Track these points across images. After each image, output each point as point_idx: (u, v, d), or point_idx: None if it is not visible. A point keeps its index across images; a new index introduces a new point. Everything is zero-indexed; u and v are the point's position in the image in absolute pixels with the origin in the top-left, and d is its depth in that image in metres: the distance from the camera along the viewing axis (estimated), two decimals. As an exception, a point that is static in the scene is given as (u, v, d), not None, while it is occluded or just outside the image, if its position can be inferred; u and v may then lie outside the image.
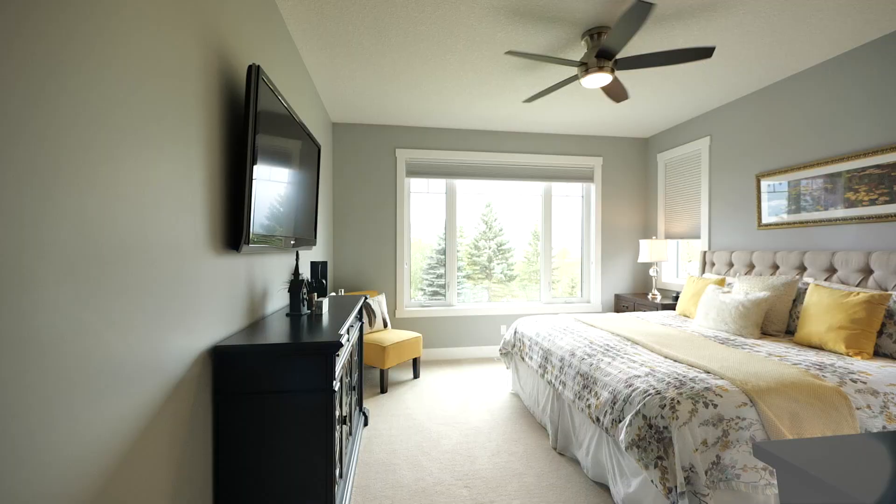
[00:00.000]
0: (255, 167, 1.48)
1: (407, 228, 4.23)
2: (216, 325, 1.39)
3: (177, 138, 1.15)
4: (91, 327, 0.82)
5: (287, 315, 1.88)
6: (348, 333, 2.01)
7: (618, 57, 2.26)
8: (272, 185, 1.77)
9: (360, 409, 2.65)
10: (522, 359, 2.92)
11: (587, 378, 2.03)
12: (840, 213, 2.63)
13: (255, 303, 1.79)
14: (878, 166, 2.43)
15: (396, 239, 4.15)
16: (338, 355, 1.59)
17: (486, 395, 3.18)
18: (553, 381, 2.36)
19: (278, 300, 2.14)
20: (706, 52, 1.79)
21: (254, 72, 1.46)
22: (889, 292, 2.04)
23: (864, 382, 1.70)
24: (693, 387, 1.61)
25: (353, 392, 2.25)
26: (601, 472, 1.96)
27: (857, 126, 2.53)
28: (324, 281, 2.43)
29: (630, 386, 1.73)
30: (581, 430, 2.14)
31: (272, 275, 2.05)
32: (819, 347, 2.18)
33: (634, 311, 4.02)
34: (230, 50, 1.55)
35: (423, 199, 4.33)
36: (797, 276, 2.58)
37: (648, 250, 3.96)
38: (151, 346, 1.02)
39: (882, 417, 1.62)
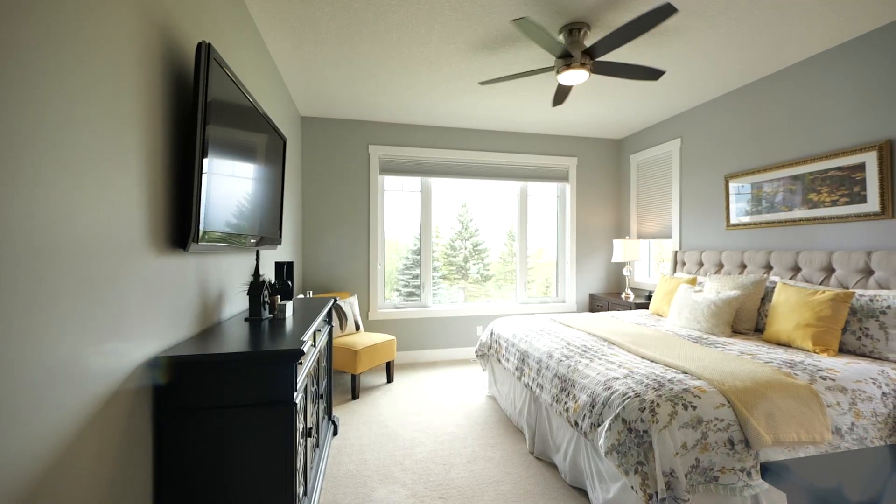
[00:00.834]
0: (205, 160, 1.33)
1: (381, 228, 4.10)
2: (159, 332, 1.24)
3: (108, 122, 1.00)
4: (-20, 341, 0.67)
5: (246, 320, 1.72)
6: (314, 338, 1.87)
7: (588, 46, 2.23)
8: (229, 181, 1.62)
9: (329, 418, 2.51)
10: (499, 361, 2.85)
11: (565, 380, 1.98)
12: (803, 213, 2.71)
13: (209, 307, 1.63)
14: (838, 168, 2.51)
15: (370, 238, 4.01)
16: (300, 363, 1.46)
17: (461, 399, 3.10)
18: (530, 383, 2.30)
19: (237, 304, 1.97)
20: (668, 10, 1.80)
21: (203, 51, 1.31)
22: (852, 290, 2.10)
23: (833, 380, 1.72)
24: (672, 388, 1.58)
25: (320, 400, 2.11)
26: (579, 477, 1.91)
27: (820, 129, 2.61)
28: (289, 283, 2.28)
29: (609, 388, 1.69)
30: (559, 433, 2.09)
31: (230, 276, 1.89)
32: (787, 345, 2.22)
33: (609, 310, 4.05)
34: (180, 30, 1.39)
35: (397, 198, 4.21)
36: (765, 275, 2.63)
37: (622, 250, 3.99)
38: (73, 357, 0.87)
39: (851, 414, 1.64)
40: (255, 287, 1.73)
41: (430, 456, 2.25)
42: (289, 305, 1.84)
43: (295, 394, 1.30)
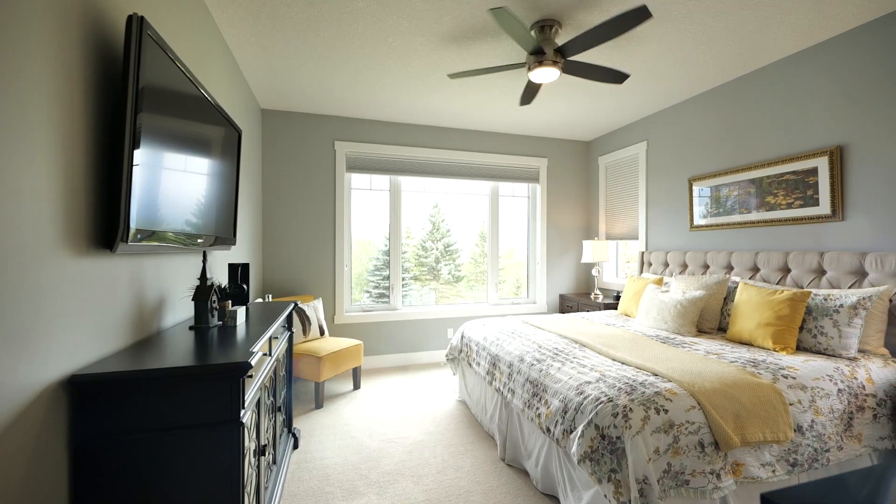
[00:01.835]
0: (137, 151, 1.17)
1: (347, 227, 3.94)
2: (80, 346, 1.07)
3: (7, 101, 0.83)
4: None
5: (191, 328, 1.56)
6: (269, 347, 1.73)
7: (560, 45, 2.20)
8: (171, 175, 1.45)
9: (289, 431, 2.35)
10: (469, 365, 2.78)
11: (537, 385, 1.93)
12: (762, 215, 2.80)
13: (147, 315, 1.46)
14: (793, 172, 2.61)
15: (336, 238, 3.84)
16: (250, 376, 1.32)
17: (431, 405, 3.01)
18: (501, 388, 2.24)
19: (183, 310, 1.79)
20: (642, 13, 1.80)
21: (135, 25, 1.15)
22: (809, 290, 2.17)
23: (794, 378, 1.75)
24: (643, 392, 1.55)
25: (278, 413, 1.96)
26: (551, 483, 1.86)
27: (777, 135, 2.71)
28: (244, 286, 2.11)
29: (581, 393, 1.64)
30: (530, 439, 2.03)
31: (175, 280, 1.71)
32: (749, 343, 2.27)
33: (579, 311, 4.07)
34: (118, 9, 1.22)
35: (365, 197, 4.06)
36: (727, 276, 2.70)
37: (591, 251, 4.03)
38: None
39: (811, 412, 1.67)
40: (202, 292, 1.57)
41: (397, 468, 2.14)
42: (241, 311, 1.68)
43: (242, 411, 1.17)
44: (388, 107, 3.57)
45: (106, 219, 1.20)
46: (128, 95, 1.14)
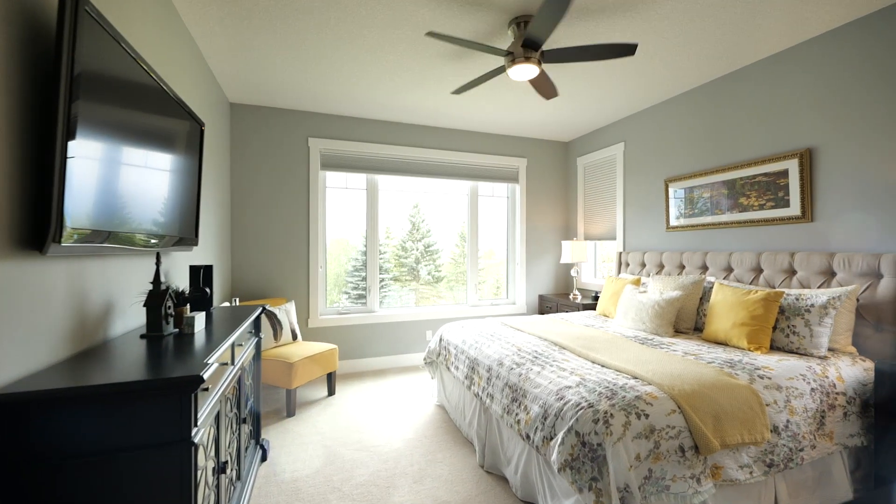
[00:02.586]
0: (71, 143, 1.05)
1: (322, 227, 3.80)
2: (3, 360, 0.94)
3: None
4: None
5: (142, 337, 1.42)
6: (232, 355, 1.61)
7: (544, 49, 2.16)
8: (120, 170, 1.32)
9: (257, 443, 2.22)
10: (448, 369, 2.71)
11: (516, 390, 1.87)
12: (735, 216, 2.85)
13: (90, 323, 1.32)
14: (765, 174, 2.66)
15: (310, 239, 3.71)
16: (206, 389, 1.21)
17: (409, 410, 2.92)
18: (480, 393, 2.18)
19: (135, 317, 1.65)
20: (629, 49, 1.77)
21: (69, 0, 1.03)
22: (781, 290, 2.20)
23: (770, 378, 1.76)
24: (624, 396, 1.52)
25: (243, 425, 1.84)
26: (531, 490, 1.81)
27: (750, 137, 2.76)
28: (207, 290, 1.98)
29: (561, 398, 1.60)
30: (509, 445, 1.98)
31: (127, 284, 1.57)
32: (725, 343, 2.29)
33: (558, 311, 4.07)
34: (36, -32, 1.09)
35: (341, 196, 3.93)
36: (703, 276, 2.73)
37: (570, 251, 4.03)
38: None
39: (786, 412, 1.68)
40: (155, 297, 1.44)
41: (372, 478, 2.05)
42: (199, 318, 1.56)
43: (195, 430, 1.06)
44: (365, 103, 3.47)
45: (35, 218, 1.07)
46: (60, 80, 1.01)
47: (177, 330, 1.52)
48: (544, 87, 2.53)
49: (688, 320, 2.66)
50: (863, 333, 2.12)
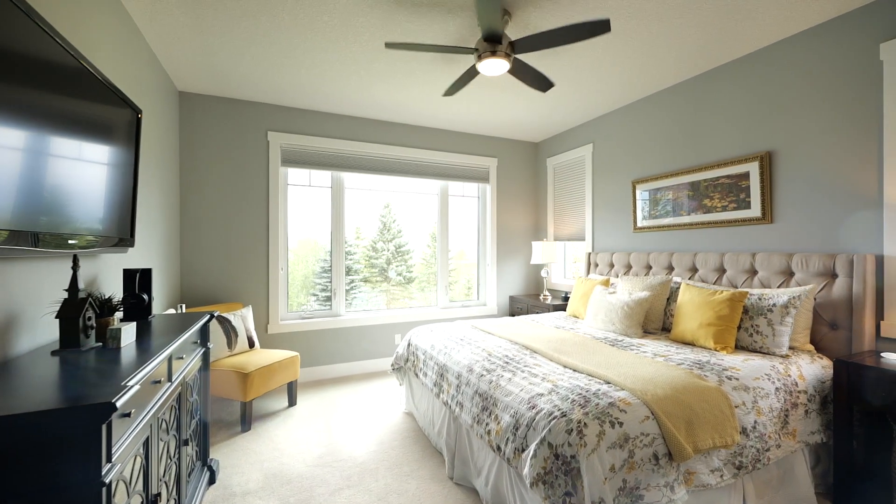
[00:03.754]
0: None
1: (283, 226, 3.58)
2: None
3: None
4: None
5: (54, 353, 1.22)
6: (170, 369, 1.43)
7: (513, 40, 2.09)
8: (26, 158, 1.13)
9: (204, 464, 2.01)
10: (416, 375, 2.59)
11: (486, 398, 1.78)
12: (700, 217, 2.89)
13: (-16, 340, 1.11)
14: (728, 177, 2.71)
15: (269, 239, 3.48)
16: (126, 415, 1.04)
17: (375, 419, 2.78)
18: (449, 401, 2.07)
19: (47, 330, 1.43)
20: (603, 27, 1.72)
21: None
22: (745, 290, 2.24)
23: (737, 379, 1.76)
24: (598, 403, 1.46)
25: (184, 448, 1.64)
26: (502, 503, 1.73)
27: (714, 140, 2.81)
28: (145, 296, 1.77)
29: (533, 407, 1.52)
30: (480, 455, 1.89)
31: (37, 291, 1.35)
32: (692, 343, 2.30)
33: (528, 313, 4.03)
34: None
35: (305, 194, 3.72)
36: (669, 276, 2.75)
37: (540, 252, 4.01)
38: None
39: (753, 413, 1.68)
40: (71, 306, 1.24)
41: (332, 497, 1.90)
42: (129, 329, 1.36)
43: (107, 468, 0.89)
44: (329, 96, 3.29)
45: None
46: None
47: (100, 344, 1.33)
48: (530, 78, 2.40)
49: (656, 321, 2.67)
50: (819, 331, 2.18)
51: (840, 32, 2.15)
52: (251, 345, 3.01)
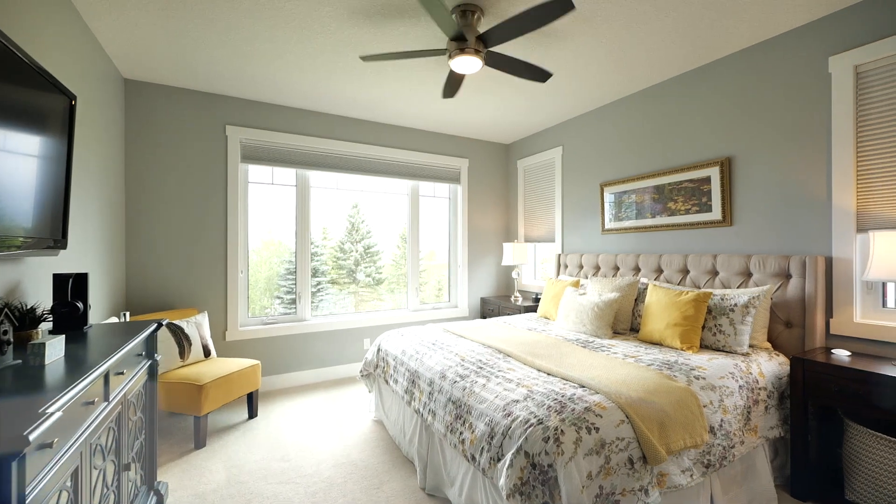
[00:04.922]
0: None
1: (244, 226, 3.38)
2: None
3: None
4: None
5: (-41, 375, 1.04)
6: (106, 387, 1.26)
7: (482, 33, 2.04)
8: None
9: (150, 488, 1.83)
10: (387, 382, 2.50)
11: (460, 406, 1.72)
12: (665, 220, 2.98)
13: None
14: (691, 181, 2.80)
15: (228, 240, 3.27)
16: (48, 445, 0.89)
17: (343, 429, 2.65)
18: (421, 409, 2.00)
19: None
20: (566, 4, 1.73)
21: None
22: (709, 290, 2.30)
23: (705, 378, 1.80)
24: (574, 408, 1.43)
25: (125, 473, 1.47)
26: (476, 514, 1.67)
27: (679, 144, 2.89)
28: (79, 304, 1.59)
29: (509, 415, 1.47)
30: (453, 464, 1.82)
31: (-60, 302, 1.15)
32: (660, 343, 2.34)
33: (500, 314, 4.02)
34: None
35: (268, 192, 3.53)
36: (636, 277, 2.80)
37: (511, 253, 4.01)
38: None
39: (720, 412, 1.72)
40: (-19, 319, 1.06)
41: (296, 517, 1.77)
42: (56, 343, 1.19)
43: (19, 510, 0.75)
44: (292, 90, 3.13)
45: None
46: None
47: (19, 361, 1.15)
48: (523, 70, 2.33)
49: (624, 321, 2.71)
50: (775, 330, 2.28)
51: (797, 45, 2.26)
52: (207, 354, 2.80)
